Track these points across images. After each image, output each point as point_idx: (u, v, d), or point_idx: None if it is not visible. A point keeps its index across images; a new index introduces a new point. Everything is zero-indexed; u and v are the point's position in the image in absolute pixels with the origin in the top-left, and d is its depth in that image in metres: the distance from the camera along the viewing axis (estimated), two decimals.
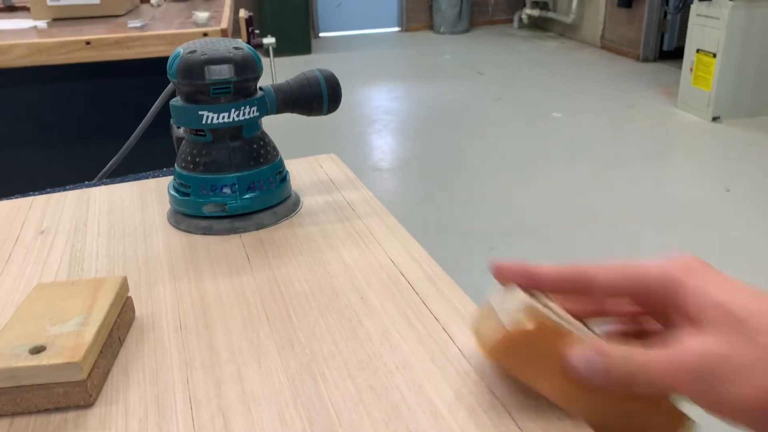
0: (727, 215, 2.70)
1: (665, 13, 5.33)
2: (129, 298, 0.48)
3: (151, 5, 2.08)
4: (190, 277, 0.54)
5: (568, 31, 6.57)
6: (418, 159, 3.58)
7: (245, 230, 0.62)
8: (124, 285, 0.47)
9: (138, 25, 1.60)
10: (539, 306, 0.35)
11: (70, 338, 0.40)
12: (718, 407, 0.32)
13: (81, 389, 0.39)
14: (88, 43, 1.46)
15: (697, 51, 3.93)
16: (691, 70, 3.99)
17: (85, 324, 0.42)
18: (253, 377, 0.42)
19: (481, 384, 0.40)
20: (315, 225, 0.63)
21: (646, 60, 5.48)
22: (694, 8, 3.94)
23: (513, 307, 0.36)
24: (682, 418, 0.36)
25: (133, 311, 0.49)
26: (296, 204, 0.67)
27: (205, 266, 0.56)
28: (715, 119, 3.88)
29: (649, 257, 0.36)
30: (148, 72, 1.49)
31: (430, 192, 3.09)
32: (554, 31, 6.82)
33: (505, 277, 0.38)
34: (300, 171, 0.77)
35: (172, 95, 0.65)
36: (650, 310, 0.37)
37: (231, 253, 0.58)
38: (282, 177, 0.66)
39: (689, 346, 0.32)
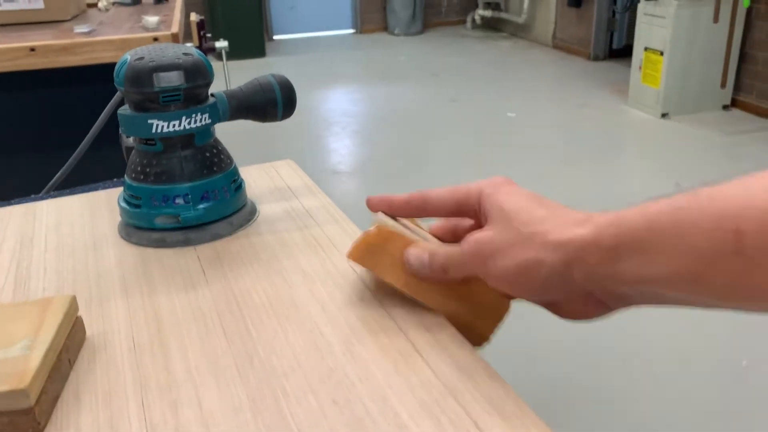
0: None
1: (614, 13, 5.45)
2: (79, 318, 0.46)
3: (99, 10, 2.02)
4: (143, 292, 0.52)
5: (520, 31, 6.65)
6: (377, 161, 3.58)
7: (200, 242, 0.60)
8: (73, 304, 0.45)
9: (85, 30, 1.55)
10: (388, 220, 0.49)
11: (16, 363, 0.38)
12: (491, 277, 0.42)
13: (28, 417, 0.37)
14: (32, 49, 1.41)
15: (645, 49, 4.02)
16: (640, 68, 4.08)
17: (31, 347, 0.40)
18: (211, 396, 0.40)
19: (445, 392, 0.40)
20: (272, 234, 0.62)
21: (596, 59, 5.59)
22: (641, 7, 4.04)
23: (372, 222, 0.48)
24: (503, 301, 0.47)
25: (84, 331, 0.47)
26: (252, 213, 0.65)
27: (159, 281, 0.54)
28: (663, 116, 3.97)
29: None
30: (97, 79, 1.45)
31: (389, 193, 3.09)
32: (507, 32, 6.90)
33: (374, 207, 0.50)
34: (256, 178, 0.75)
35: (121, 103, 0.63)
36: (470, 216, 0.48)
37: (185, 266, 0.56)
38: (237, 185, 0.64)
39: (473, 236, 0.43)
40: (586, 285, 0.40)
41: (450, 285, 0.46)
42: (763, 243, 0.32)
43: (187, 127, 0.59)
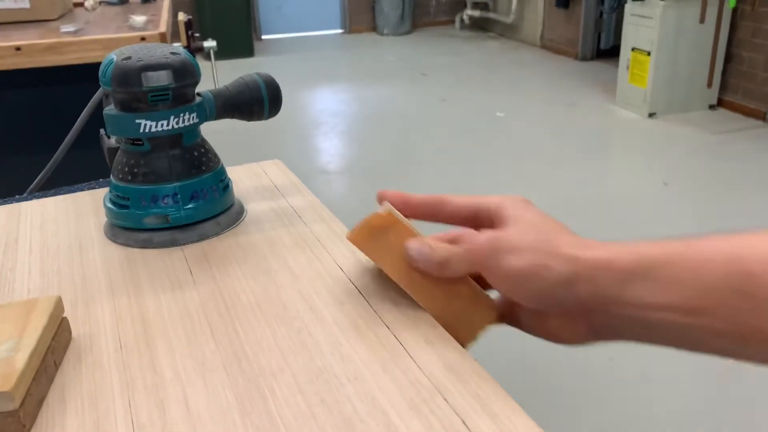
0: (666, 208, 2.79)
1: (601, 13, 5.48)
2: (64, 319, 0.45)
3: (86, 9, 2.01)
4: (129, 293, 0.52)
5: (508, 32, 6.67)
6: (366, 161, 3.58)
7: (187, 242, 0.60)
8: (58, 305, 0.45)
9: (72, 29, 1.54)
10: (396, 211, 0.47)
11: (0, 365, 0.38)
12: (497, 273, 0.42)
13: (13, 420, 0.37)
14: (18, 49, 1.40)
15: (633, 49, 4.05)
16: (628, 68, 4.11)
17: (16, 349, 0.39)
18: (198, 397, 0.40)
19: (434, 392, 0.40)
20: (260, 234, 0.61)
21: (584, 59, 5.62)
22: (628, 8, 4.06)
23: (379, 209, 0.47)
24: (490, 313, 0.47)
25: (70, 332, 0.46)
26: (240, 213, 0.65)
27: (146, 281, 0.53)
28: (651, 115, 4.00)
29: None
30: (83, 79, 1.44)
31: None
32: (495, 32, 6.92)
33: (387, 200, 0.49)
34: (243, 178, 0.75)
35: (101, 102, 0.63)
36: (485, 226, 0.46)
37: (172, 266, 0.56)
38: (225, 185, 0.64)
39: (487, 233, 0.43)
40: (588, 303, 0.40)
41: (442, 284, 0.46)
42: None
43: (176, 126, 0.58)
